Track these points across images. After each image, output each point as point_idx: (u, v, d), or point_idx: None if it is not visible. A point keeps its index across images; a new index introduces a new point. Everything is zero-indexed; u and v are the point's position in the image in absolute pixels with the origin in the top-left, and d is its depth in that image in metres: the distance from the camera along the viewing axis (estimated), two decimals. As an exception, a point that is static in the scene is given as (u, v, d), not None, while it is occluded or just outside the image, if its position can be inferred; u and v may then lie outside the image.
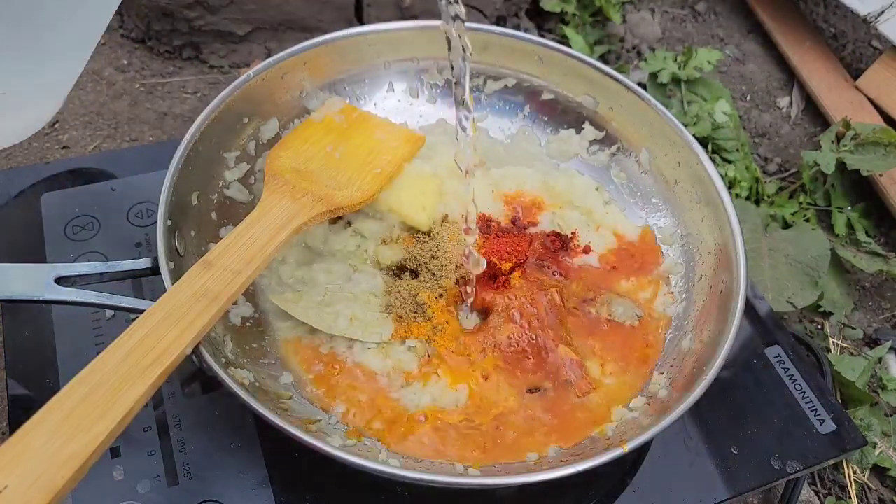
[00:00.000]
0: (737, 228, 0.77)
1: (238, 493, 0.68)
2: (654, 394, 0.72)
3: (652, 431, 0.62)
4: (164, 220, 0.69)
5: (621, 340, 0.78)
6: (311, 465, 0.70)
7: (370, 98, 0.94)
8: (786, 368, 0.83)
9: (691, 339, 0.75)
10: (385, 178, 0.78)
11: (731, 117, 1.22)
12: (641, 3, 1.51)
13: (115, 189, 0.90)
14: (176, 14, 1.18)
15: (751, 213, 1.10)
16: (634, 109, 0.89)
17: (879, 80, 1.31)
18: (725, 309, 0.73)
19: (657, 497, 0.73)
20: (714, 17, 1.51)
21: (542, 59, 0.92)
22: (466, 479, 0.64)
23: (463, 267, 0.78)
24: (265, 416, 0.58)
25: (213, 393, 0.74)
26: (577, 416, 0.72)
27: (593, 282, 0.83)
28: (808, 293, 1.01)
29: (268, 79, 0.83)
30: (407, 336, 0.75)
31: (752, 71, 1.42)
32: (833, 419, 0.79)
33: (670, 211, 0.88)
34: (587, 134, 0.93)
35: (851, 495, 0.90)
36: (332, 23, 1.23)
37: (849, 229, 1.16)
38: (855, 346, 1.04)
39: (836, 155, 1.15)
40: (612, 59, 1.40)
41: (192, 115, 1.18)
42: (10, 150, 1.12)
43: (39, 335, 0.76)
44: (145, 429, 0.71)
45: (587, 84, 0.91)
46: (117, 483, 0.67)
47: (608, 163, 0.93)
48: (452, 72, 0.67)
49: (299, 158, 0.74)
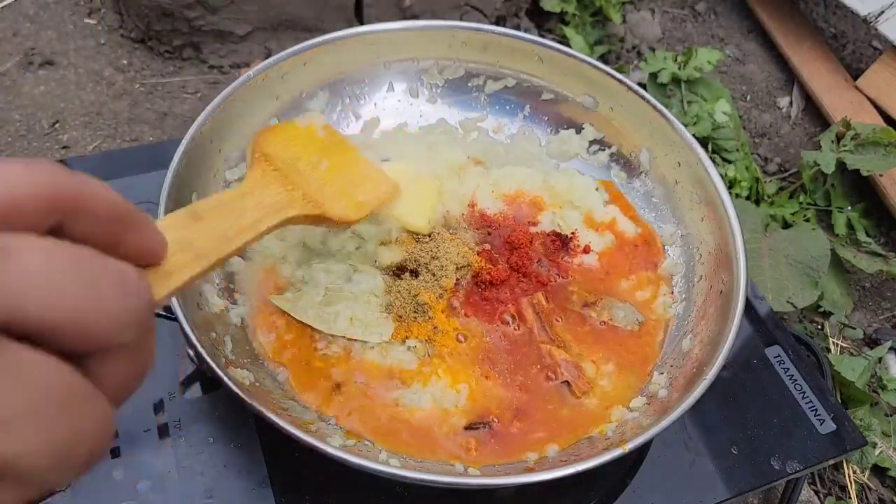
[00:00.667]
0: (737, 228, 0.77)
1: (238, 493, 0.68)
2: (654, 394, 0.72)
3: (652, 431, 0.62)
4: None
5: (621, 343, 0.78)
6: (311, 465, 0.70)
7: (370, 98, 0.93)
8: (786, 368, 0.83)
9: (691, 339, 0.75)
10: (367, 210, 0.75)
11: (731, 117, 1.22)
12: (641, 3, 1.51)
13: (114, 189, 0.90)
14: (176, 14, 1.18)
15: (751, 213, 1.10)
16: (634, 109, 0.89)
17: (879, 80, 1.31)
18: (725, 309, 0.73)
19: (657, 497, 0.73)
20: (714, 17, 1.51)
21: (542, 59, 0.92)
22: (466, 479, 0.64)
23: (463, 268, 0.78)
24: (265, 415, 0.58)
25: (213, 393, 0.74)
26: (577, 416, 0.72)
27: (593, 283, 0.83)
28: (808, 293, 1.01)
29: (268, 79, 0.83)
30: (407, 336, 0.75)
31: (752, 71, 1.42)
32: (833, 419, 0.79)
33: (670, 211, 0.88)
34: (587, 134, 0.93)
35: (851, 495, 0.90)
36: (332, 23, 1.23)
37: (849, 229, 1.16)
38: (855, 346, 1.04)
39: (836, 155, 1.15)
40: (612, 59, 1.40)
41: (192, 115, 1.18)
42: (11, 150, 1.12)
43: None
44: (145, 429, 0.71)
45: (587, 84, 0.91)
46: (117, 483, 0.67)
47: (608, 163, 0.93)
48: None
49: (288, 152, 0.72)
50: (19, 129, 1.14)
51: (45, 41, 1.26)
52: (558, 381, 0.74)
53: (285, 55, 0.84)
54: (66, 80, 1.22)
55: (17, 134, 1.14)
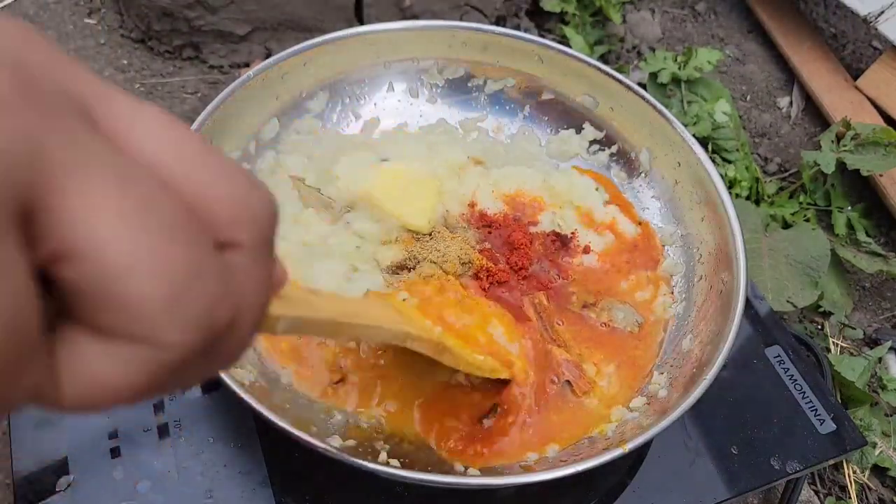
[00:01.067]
0: (737, 228, 0.77)
1: (238, 493, 0.68)
2: (654, 394, 0.72)
3: (652, 431, 0.62)
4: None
5: (621, 344, 0.78)
6: (311, 465, 0.70)
7: (370, 98, 0.94)
8: (786, 368, 0.83)
9: (691, 339, 0.76)
10: (487, 367, 0.70)
11: (731, 117, 1.22)
12: (641, 3, 1.51)
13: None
14: (176, 14, 1.18)
15: (751, 213, 1.10)
16: (634, 109, 0.89)
17: (879, 80, 1.31)
18: (725, 309, 0.73)
19: (657, 497, 0.73)
20: (714, 17, 1.51)
21: (542, 59, 0.92)
22: (466, 480, 0.64)
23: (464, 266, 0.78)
24: (266, 415, 0.58)
25: (213, 393, 0.74)
26: (578, 416, 0.72)
27: (593, 283, 0.83)
28: (808, 293, 1.01)
29: (268, 79, 0.83)
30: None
31: (752, 71, 1.42)
32: (833, 419, 0.79)
33: (670, 211, 0.88)
34: (587, 134, 0.93)
35: (851, 495, 0.90)
36: (332, 23, 1.23)
37: (849, 229, 1.16)
38: (855, 346, 1.04)
39: (836, 155, 1.15)
40: (612, 59, 1.40)
41: (192, 115, 1.18)
42: (10, 150, 1.12)
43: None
44: (145, 429, 0.71)
45: (587, 84, 0.91)
46: (117, 483, 0.67)
47: (608, 163, 0.93)
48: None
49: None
50: (19, 129, 1.14)
51: (45, 41, 1.26)
52: (560, 382, 0.74)
53: (285, 55, 0.84)
54: (66, 80, 1.21)
55: (17, 134, 1.13)
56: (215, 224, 0.25)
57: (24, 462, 0.68)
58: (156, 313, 0.22)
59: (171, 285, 0.22)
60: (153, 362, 0.23)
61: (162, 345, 0.23)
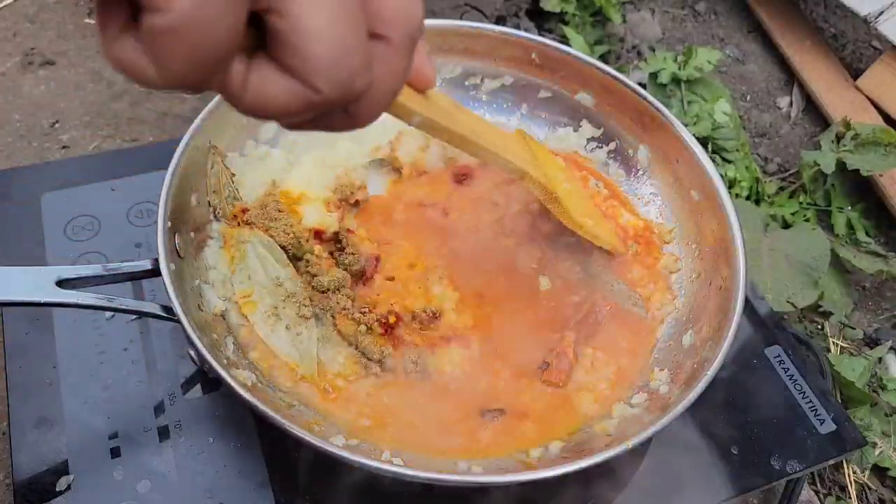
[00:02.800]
0: (736, 227, 0.77)
1: (238, 493, 0.68)
2: (656, 390, 0.72)
3: (652, 430, 0.62)
4: (164, 221, 0.69)
5: (622, 333, 0.78)
6: (311, 465, 0.70)
7: (370, 98, 0.93)
8: (786, 368, 0.83)
9: (691, 334, 0.75)
10: (596, 229, 0.80)
11: (731, 117, 1.22)
12: (641, 3, 1.51)
13: (114, 189, 0.90)
14: (176, 14, 1.18)
15: (751, 213, 1.10)
16: (633, 108, 0.88)
17: (879, 80, 1.31)
18: (725, 307, 0.73)
19: (657, 497, 0.73)
20: (714, 17, 1.51)
21: (539, 58, 0.92)
22: (469, 478, 0.63)
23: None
24: (269, 415, 0.58)
25: (213, 393, 0.74)
26: (576, 412, 0.72)
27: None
28: (808, 293, 1.01)
29: (268, 79, 0.83)
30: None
31: (752, 71, 1.42)
32: (833, 419, 0.79)
33: (669, 209, 0.88)
34: (585, 131, 0.93)
35: (851, 495, 0.90)
36: (331, 23, 1.23)
37: (849, 229, 1.16)
38: (855, 346, 1.04)
39: (836, 155, 1.15)
40: (612, 59, 1.40)
41: (192, 115, 1.17)
42: (11, 150, 1.12)
43: (39, 336, 0.76)
44: (145, 429, 0.71)
45: (585, 83, 0.91)
46: (117, 483, 0.67)
47: (606, 160, 0.93)
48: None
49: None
50: (19, 129, 1.14)
51: (45, 41, 1.26)
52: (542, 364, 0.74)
53: (285, 55, 0.84)
54: (66, 80, 1.22)
55: (17, 134, 1.14)
56: (376, 18, 0.34)
57: (24, 462, 0.68)
58: (320, 69, 0.32)
59: (335, 54, 0.32)
60: (305, 98, 0.33)
61: (315, 89, 0.33)
